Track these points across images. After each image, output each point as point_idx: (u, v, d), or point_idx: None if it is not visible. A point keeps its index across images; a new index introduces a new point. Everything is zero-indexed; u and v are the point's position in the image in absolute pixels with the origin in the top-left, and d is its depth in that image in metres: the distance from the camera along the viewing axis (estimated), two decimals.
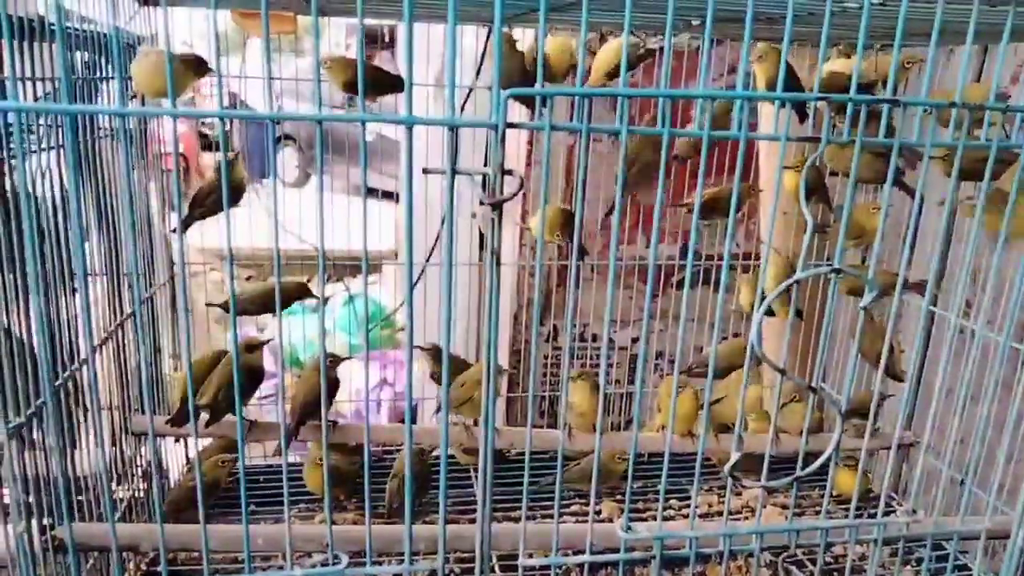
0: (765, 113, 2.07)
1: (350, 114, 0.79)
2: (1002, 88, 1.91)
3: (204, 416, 1.55)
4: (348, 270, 2.70)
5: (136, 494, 1.68)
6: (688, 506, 1.91)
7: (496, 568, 1.61)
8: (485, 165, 0.84)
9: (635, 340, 2.63)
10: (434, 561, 1.01)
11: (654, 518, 1.78)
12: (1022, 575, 1.15)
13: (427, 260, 2.35)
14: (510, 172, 0.83)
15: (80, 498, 1.34)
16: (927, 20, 0.98)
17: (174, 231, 1.45)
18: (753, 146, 2.12)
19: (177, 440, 1.89)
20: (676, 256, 2.47)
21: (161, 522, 0.90)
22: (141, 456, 1.72)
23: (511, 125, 0.81)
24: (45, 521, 1.11)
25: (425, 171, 0.83)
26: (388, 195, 3.90)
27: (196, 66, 1.30)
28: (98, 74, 1.51)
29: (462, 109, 2.27)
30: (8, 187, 1.04)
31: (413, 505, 0.99)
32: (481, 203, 0.83)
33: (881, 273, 1.50)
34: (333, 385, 1.66)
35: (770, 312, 0.91)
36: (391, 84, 1.52)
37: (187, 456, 1.95)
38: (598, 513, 1.87)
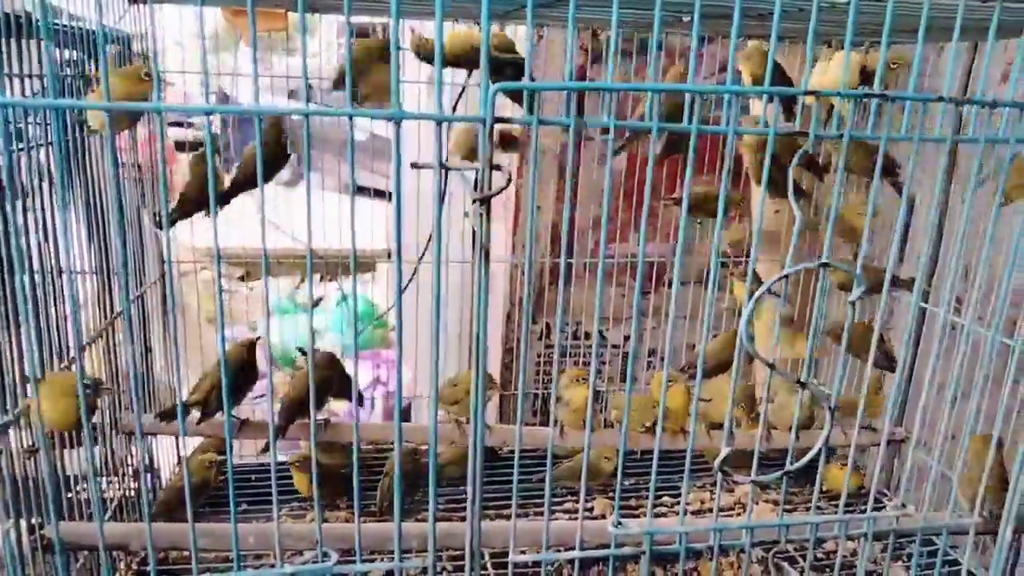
0: (755, 112, 2.07)
1: (337, 109, 0.79)
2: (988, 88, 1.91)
3: (196, 414, 1.54)
4: (341, 269, 2.69)
5: (126, 493, 1.68)
6: (679, 502, 1.91)
7: (488, 565, 1.61)
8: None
9: (627, 338, 2.63)
10: (426, 558, 1.01)
11: (646, 515, 1.78)
12: (1012, 569, 1.16)
13: (419, 259, 2.35)
14: (499, 167, 0.83)
15: (70, 497, 1.33)
16: (915, 16, 0.98)
17: (159, 226, 1.44)
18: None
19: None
20: (668, 254, 2.47)
21: (149, 520, 0.89)
22: (131, 455, 1.71)
23: (499, 120, 0.81)
24: (34, 520, 1.11)
25: (414, 165, 0.82)
26: (380, 193, 3.89)
27: None
28: (86, 72, 1.50)
29: (454, 108, 2.27)
30: None
31: (404, 503, 0.98)
32: (473, 201, 0.83)
33: (872, 270, 1.50)
34: (342, 380, 1.64)
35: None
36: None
37: (178, 455, 1.95)
38: (590, 510, 1.87)
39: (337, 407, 3.07)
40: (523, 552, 1.03)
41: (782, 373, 0.95)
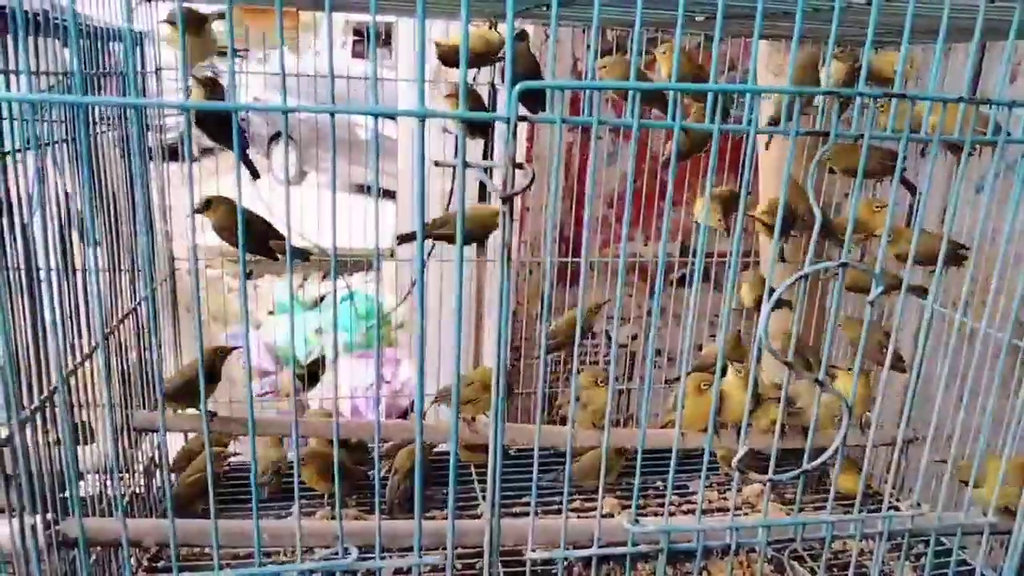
0: (762, 109, 2.08)
1: (361, 107, 0.79)
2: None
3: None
4: (345, 267, 2.70)
5: (136, 490, 1.68)
6: (688, 501, 1.92)
7: (497, 563, 1.61)
8: (484, 159, 0.84)
9: (634, 337, 2.63)
10: (433, 556, 1.01)
11: (654, 513, 1.78)
12: None
13: (429, 253, 2.35)
14: (521, 165, 0.84)
15: (82, 494, 1.33)
16: (929, 17, 0.98)
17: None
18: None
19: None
20: (676, 254, 2.48)
21: (172, 516, 0.90)
22: (141, 452, 1.72)
23: (523, 118, 0.81)
24: (49, 516, 1.11)
25: (437, 163, 0.83)
26: (385, 193, 3.89)
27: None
28: (97, 69, 1.50)
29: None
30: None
31: (415, 498, 0.99)
32: (481, 199, 0.84)
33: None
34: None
35: (777, 306, 0.92)
36: None
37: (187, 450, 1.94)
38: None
39: (340, 406, 3.06)
40: (534, 550, 1.04)
41: (800, 372, 0.95)
